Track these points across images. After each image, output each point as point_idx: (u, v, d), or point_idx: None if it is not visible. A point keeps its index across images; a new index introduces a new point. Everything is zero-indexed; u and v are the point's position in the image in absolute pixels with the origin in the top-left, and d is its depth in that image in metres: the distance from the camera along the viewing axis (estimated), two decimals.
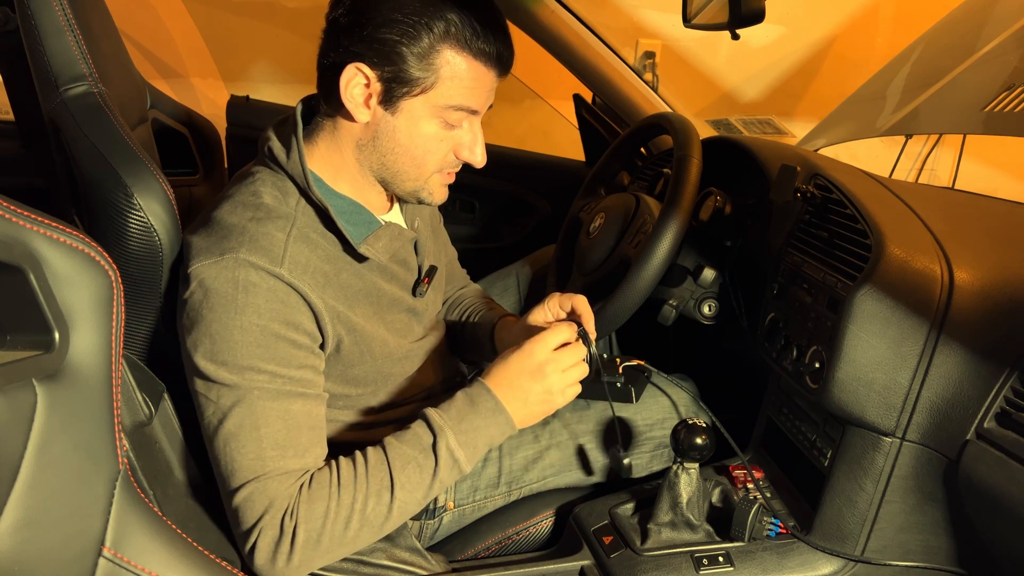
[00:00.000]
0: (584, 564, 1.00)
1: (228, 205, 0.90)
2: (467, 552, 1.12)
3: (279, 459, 0.84)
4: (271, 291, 0.85)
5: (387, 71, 0.86)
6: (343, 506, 0.83)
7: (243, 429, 0.83)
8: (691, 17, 1.30)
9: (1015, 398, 0.81)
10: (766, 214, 1.16)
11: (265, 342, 0.84)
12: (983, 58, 1.37)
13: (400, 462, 0.86)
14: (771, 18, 1.10)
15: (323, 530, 0.83)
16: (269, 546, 0.82)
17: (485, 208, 2.08)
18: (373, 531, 0.86)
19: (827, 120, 1.87)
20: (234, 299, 0.83)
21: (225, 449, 0.83)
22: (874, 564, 0.95)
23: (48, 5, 0.91)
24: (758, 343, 1.10)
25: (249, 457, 0.83)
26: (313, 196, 0.90)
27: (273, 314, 0.84)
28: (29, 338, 0.60)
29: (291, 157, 0.91)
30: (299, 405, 0.86)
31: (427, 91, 0.87)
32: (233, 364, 0.83)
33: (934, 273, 0.89)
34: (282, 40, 2.73)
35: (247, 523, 0.83)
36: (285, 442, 0.84)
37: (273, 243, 0.86)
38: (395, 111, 0.88)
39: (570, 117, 1.91)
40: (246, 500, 0.83)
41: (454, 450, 0.87)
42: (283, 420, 0.84)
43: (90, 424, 0.65)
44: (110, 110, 0.93)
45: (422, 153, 0.92)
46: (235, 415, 0.83)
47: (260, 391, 0.84)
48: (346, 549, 0.86)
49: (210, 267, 0.84)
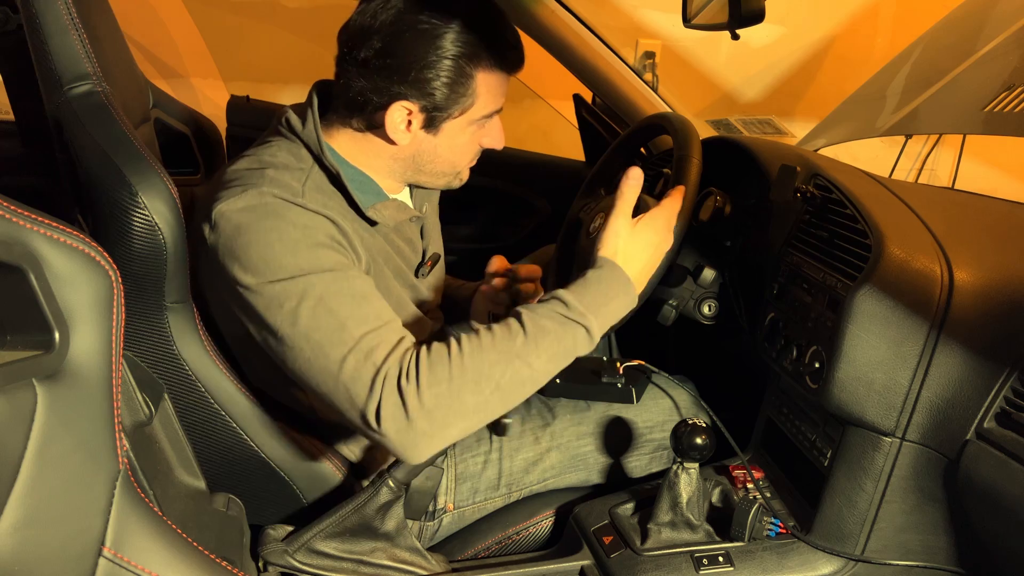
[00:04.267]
0: (584, 564, 1.00)
1: (244, 162, 0.93)
2: (467, 552, 1.12)
3: (366, 328, 0.82)
4: (299, 215, 0.87)
5: (429, 103, 0.91)
6: (469, 368, 0.80)
7: (318, 317, 0.82)
8: (691, 17, 1.31)
9: (1015, 398, 0.81)
10: (766, 214, 1.16)
11: (307, 246, 0.85)
12: (983, 58, 1.37)
13: (537, 332, 0.83)
14: (771, 18, 1.11)
15: (451, 392, 0.79)
16: (398, 412, 0.78)
17: (485, 208, 2.08)
18: (506, 398, 0.83)
19: (827, 120, 1.86)
20: (264, 220, 0.85)
21: (308, 346, 0.81)
22: (874, 564, 0.95)
23: (53, 4, 0.91)
24: (758, 343, 1.10)
25: (336, 336, 0.81)
26: (326, 161, 0.93)
27: (307, 227, 0.86)
28: (29, 338, 0.60)
29: (307, 127, 0.94)
30: (359, 283, 0.86)
31: (466, 111, 0.94)
32: (281, 269, 0.83)
33: (934, 273, 0.89)
34: (282, 40, 2.73)
35: (361, 400, 0.79)
36: (367, 314, 0.83)
37: (291, 185, 0.89)
38: (437, 133, 0.95)
39: (570, 117, 1.91)
40: (352, 377, 0.80)
41: (594, 333, 0.86)
42: (353, 297, 0.84)
43: (90, 424, 0.65)
44: (114, 109, 0.93)
45: (460, 158, 1.01)
46: (303, 310, 0.82)
47: (319, 282, 0.83)
48: (479, 417, 0.83)
49: (233, 202, 0.87)
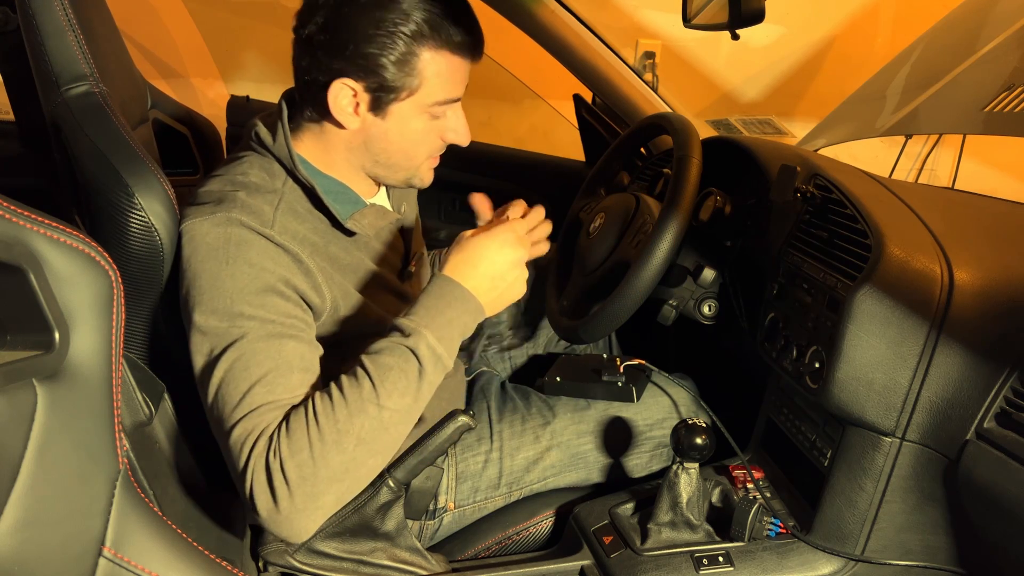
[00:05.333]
0: (584, 564, 1.00)
1: (216, 182, 0.92)
2: (467, 552, 1.12)
3: (267, 397, 0.80)
4: (263, 249, 0.86)
5: (372, 82, 0.89)
6: (326, 430, 0.77)
7: (233, 371, 0.80)
8: (691, 17, 1.31)
9: (1015, 398, 0.81)
10: (766, 214, 1.16)
11: (255, 290, 0.83)
12: (983, 58, 1.37)
13: (380, 372, 0.80)
14: (771, 18, 1.11)
15: (313, 459, 0.77)
16: (264, 491, 0.77)
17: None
18: (374, 448, 0.80)
19: (827, 120, 1.86)
20: (225, 251, 0.84)
21: (216, 396, 0.80)
22: (874, 564, 0.95)
23: (49, 5, 0.91)
24: (758, 343, 1.10)
25: (237, 398, 0.79)
26: (299, 175, 0.92)
27: (263, 268, 0.85)
28: (29, 338, 0.60)
29: (277, 140, 0.94)
30: (291, 346, 0.84)
31: (414, 93, 0.91)
32: (224, 311, 0.82)
33: (934, 273, 0.89)
34: (282, 40, 2.71)
35: (237, 469, 0.78)
36: (274, 381, 0.81)
37: (263, 211, 0.88)
38: (385, 116, 0.92)
39: (570, 117, 1.90)
40: (234, 444, 0.79)
41: (434, 347, 0.82)
42: (273, 360, 0.81)
43: (90, 424, 0.66)
44: (111, 110, 0.93)
45: (413, 146, 0.96)
46: (225, 359, 0.81)
47: (251, 334, 0.81)
48: (352, 476, 0.80)
49: (201, 223, 0.86)
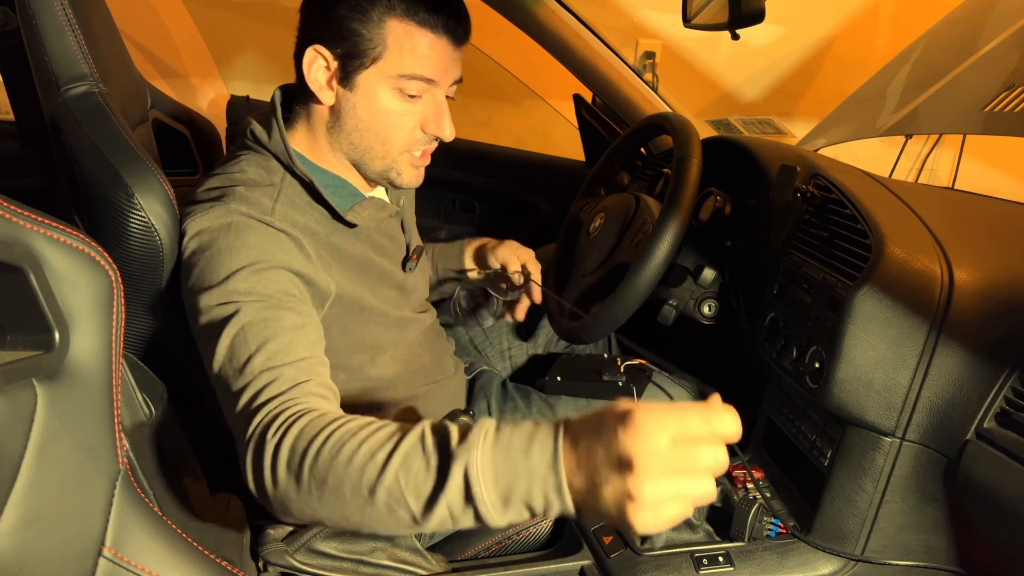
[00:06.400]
0: (584, 564, 1.00)
1: (214, 181, 0.92)
2: (467, 552, 1.11)
3: (266, 364, 0.76)
4: (263, 233, 0.86)
5: (342, 48, 0.89)
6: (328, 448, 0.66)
7: (235, 345, 0.78)
8: (691, 17, 1.31)
9: (1015, 398, 0.81)
10: (766, 214, 1.16)
11: (256, 270, 0.83)
12: (983, 58, 1.37)
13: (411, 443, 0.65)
14: (771, 18, 1.11)
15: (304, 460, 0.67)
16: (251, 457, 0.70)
17: (485, 208, 2.07)
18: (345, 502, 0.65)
19: (827, 120, 1.86)
20: (226, 238, 0.84)
21: (222, 372, 0.78)
22: (874, 564, 0.95)
23: (49, 5, 0.91)
24: (758, 343, 1.09)
25: (240, 368, 0.76)
26: (297, 170, 0.92)
27: (263, 250, 0.85)
28: (29, 338, 0.60)
29: (272, 136, 0.93)
30: (290, 317, 0.81)
31: (377, 61, 0.89)
32: (222, 289, 0.81)
33: (934, 273, 0.89)
34: (282, 40, 2.72)
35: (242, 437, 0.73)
36: (276, 350, 0.77)
37: (262, 203, 0.88)
38: (352, 87, 0.91)
39: (570, 117, 1.91)
40: (240, 414, 0.74)
41: (471, 476, 0.61)
42: (273, 329, 0.79)
43: (90, 424, 0.65)
44: (111, 110, 0.93)
45: (384, 128, 0.93)
46: (226, 334, 0.79)
47: (250, 307, 0.80)
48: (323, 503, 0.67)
49: (202, 217, 0.86)
